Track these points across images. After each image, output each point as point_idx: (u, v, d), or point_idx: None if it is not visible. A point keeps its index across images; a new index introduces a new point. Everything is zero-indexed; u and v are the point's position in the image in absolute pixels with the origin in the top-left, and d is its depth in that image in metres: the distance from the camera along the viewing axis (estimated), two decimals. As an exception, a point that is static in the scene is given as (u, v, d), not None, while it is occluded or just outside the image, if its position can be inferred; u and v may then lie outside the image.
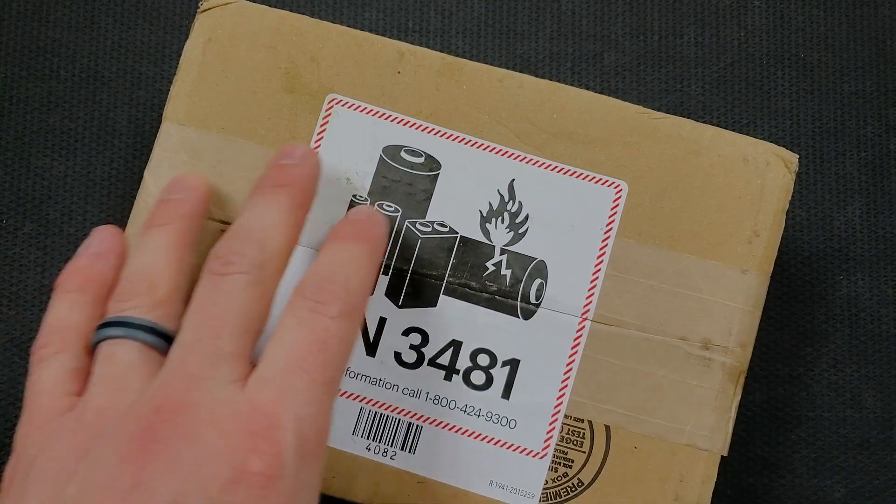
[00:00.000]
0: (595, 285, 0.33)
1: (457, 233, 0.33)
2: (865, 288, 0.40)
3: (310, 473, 0.26)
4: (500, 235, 0.33)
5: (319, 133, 0.33)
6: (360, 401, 0.33)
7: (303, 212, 0.30)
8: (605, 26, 0.42)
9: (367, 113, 0.34)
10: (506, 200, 0.33)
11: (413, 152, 0.33)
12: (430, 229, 0.33)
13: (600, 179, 0.33)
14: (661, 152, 0.33)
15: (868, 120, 0.42)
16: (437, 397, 0.33)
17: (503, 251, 0.33)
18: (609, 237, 0.33)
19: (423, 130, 0.33)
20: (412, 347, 0.33)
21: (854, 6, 0.42)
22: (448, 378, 0.33)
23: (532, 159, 0.33)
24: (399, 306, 0.33)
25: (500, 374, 0.33)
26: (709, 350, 0.33)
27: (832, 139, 0.41)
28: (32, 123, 0.41)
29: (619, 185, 0.33)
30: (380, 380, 0.33)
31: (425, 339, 0.33)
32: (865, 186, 0.41)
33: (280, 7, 0.35)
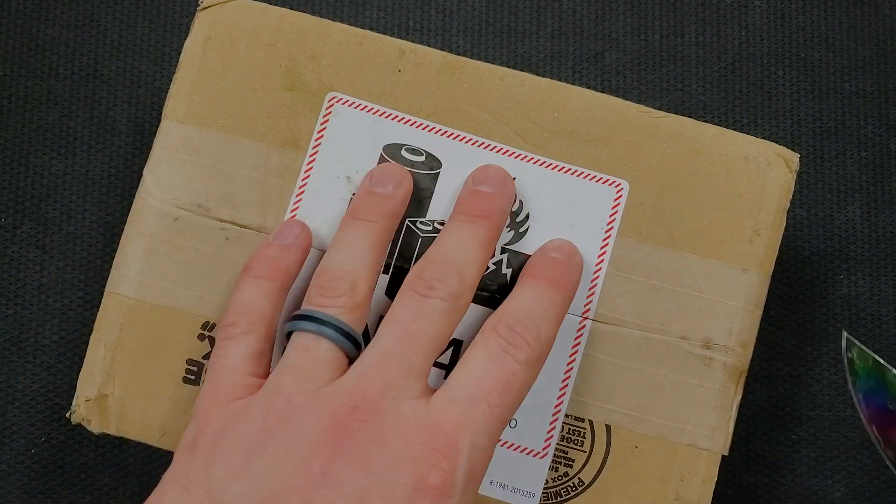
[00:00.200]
0: (596, 284, 0.33)
1: (457, 232, 0.33)
2: (866, 287, 0.40)
3: (469, 498, 0.28)
4: (502, 235, 0.33)
5: (320, 131, 0.33)
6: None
7: (494, 245, 0.32)
8: (607, 25, 0.42)
9: (368, 111, 0.33)
10: (506, 199, 0.33)
11: (414, 151, 0.33)
12: (431, 228, 0.33)
13: (601, 178, 0.33)
14: (663, 151, 0.33)
15: (868, 119, 0.42)
16: None
17: (504, 250, 0.33)
18: (610, 236, 0.33)
19: (424, 129, 0.33)
20: (413, 346, 0.33)
21: (855, 6, 0.42)
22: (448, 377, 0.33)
23: (533, 158, 0.33)
24: (399, 305, 0.33)
25: (501, 374, 0.33)
26: (710, 349, 0.32)
27: (833, 139, 0.41)
28: (31, 121, 0.41)
29: (620, 184, 0.33)
30: (380, 379, 0.33)
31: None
32: (866, 186, 0.41)
33: (280, 5, 0.35)
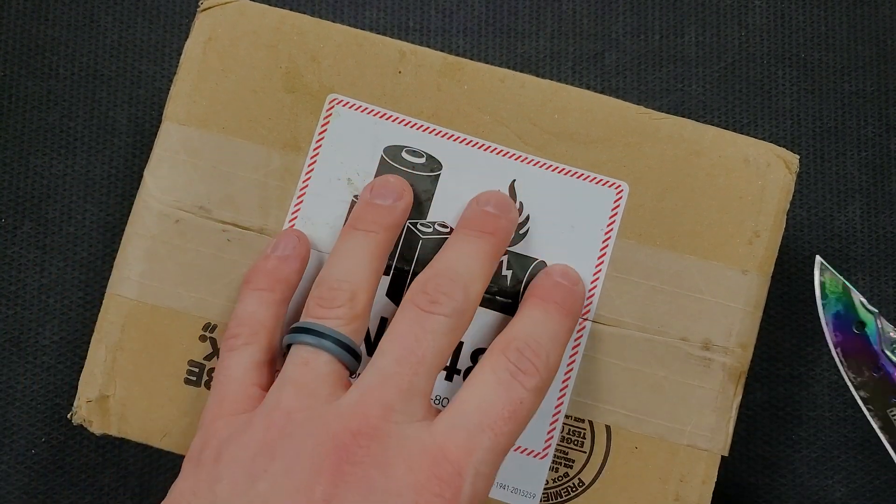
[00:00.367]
0: (595, 286, 0.33)
1: (458, 233, 0.33)
2: (866, 288, 0.40)
3: None
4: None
5: (320, 133, 0.33)
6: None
7: (498, 261, 0.32)
8: (606, 26, 0.42)
9: (369, 113, 0.33)
10: (507, 201, 0.33)
11: (414, 153, 0.33)
12: (432, 230, 0.33)
13: (601, 180, 0.33)
14: (663, 153, 0.33)
15: (868, 120, 0.42)
16: (439, 397, 0.33)
17: (504, 252, 0.33)
18: (610, 238, 0.33)
19: (425, 131, 0.33)
20: (413, 348, 0.33)
21: (855, 6, 0.42)
22: (449, 378, 0.33)
23: (533, 160, 0.33)
24: (400, 307, 0.33)
25: (502, 375, 0.33)
26: (709, 350, 0.33)
27: (833, 139, 0.41)
28: (31, 122, 0.41)
29: (620, 186, 0.33)
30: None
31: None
32: (866, 186, 0.41)
33: (280, 5, 0.35)
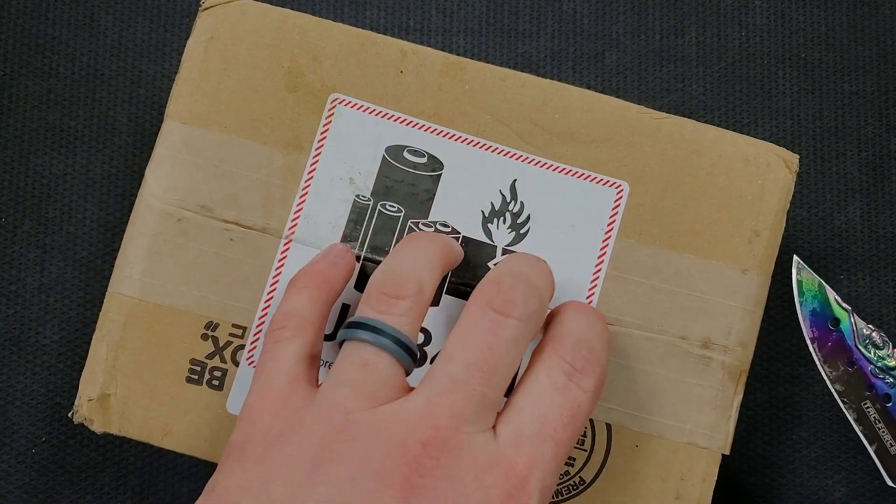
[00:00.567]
0: (596, 285, 0.33)
1: (459, 233, 0.33)
2: (866, 287, 0.41)
3: None
4: (502, 235, 0.33)
5: (322, 133, 0.33)
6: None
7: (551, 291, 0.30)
8: (607, 25, 0.42)
9: (370, 112, 0.33)
10: (508, 201, 0.33)
11: (416, 152, 0.33)
12: (433, 230, 0.33)
13: (602, 180, 0.33)
14: (663, 152, 0.33)
15: (869, 120, 0.42)
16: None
17: (504, 251, 0.33)
18: (610, 237, 0.33)
19: (426, 130, 0.33)
20: (415, 347, 0.33)
21: (855, 6, 0.42)
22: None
23: (534, 159, 0.33)
24: (401, 306, 0.33)
25: (503, 374, 0.33)
26: (708, 349, 0.33)
27: (833, 139, 0.41)
28: (32, 121, 0.41)
29: (621, 186, 0.33)
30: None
31: (428, 339, 0.33)
32: (866, 186, 0.41)
33: (280, 4, 0.35)
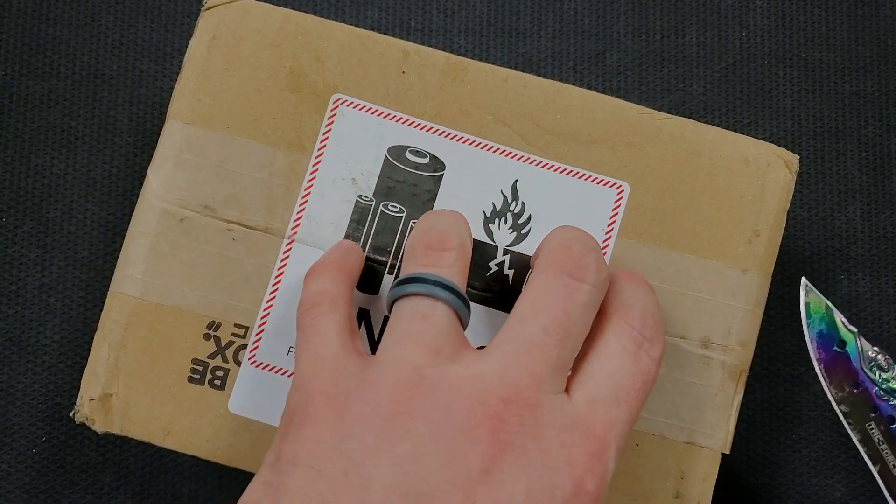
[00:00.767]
0: (597, 285, 0.33)
1: (461, 233, 0.33)
2: (866, 287, 0.41)
3: None
4: (504, 236, 0.33)
5: (325, 133, 0.33)
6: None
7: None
8: (608, 25, 0.42)
9: (372, 113, 0.33)
10: (509, 201, 0.33)
11: (418, 153, 0.33)
12: (435, 230, 0.33)
13: (602, 180, 0.33)
14: (664, 153, 0.33)
15: (869, 120, 0.42)
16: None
17: (506, 251, 0.33)
18: (610, 237, 0.33)
19: (428, 131, 0.33)
20: (416, 347, 0.33)
21: (855, 6, 0.42)
22: None
23: (535, 160, 0.33)
24: (403, 306, 0.33)
25: (504, 374, 0.33)
26: (708, 349, 0.33)
27: (833, 139, 0.42)
28: (32, 121, 0.41)
29: (621, 186, 0.33)
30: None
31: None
32: (866, 186, 0.41)
33: (283, 5, 0.35)
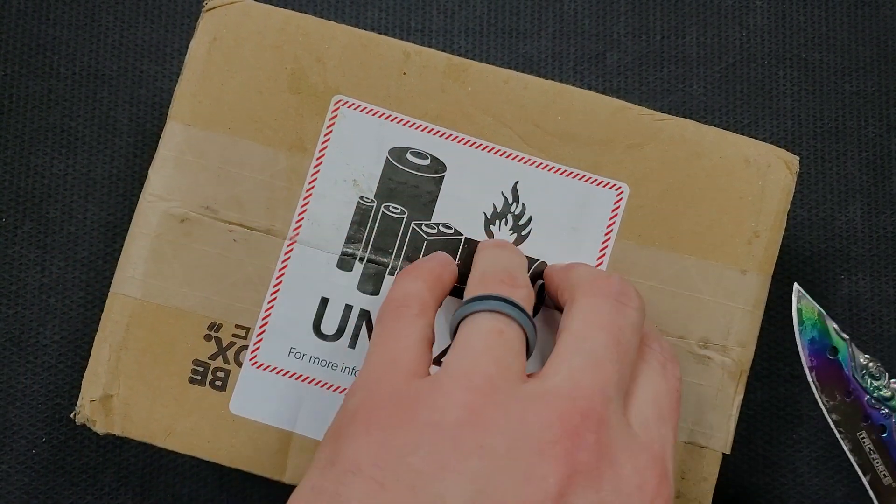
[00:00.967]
0: (597, 285, 0.33)
1: (461, 234, 0.33)
2: (867, 287, 0.41)
3: None
4: (504, 237, 0.33)
5: (326, 135, 0.33)
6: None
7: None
8: (608, 26, 0.42)
9: (373, 114, 0.33)
10: (510, 202, 0.33)
11: (419, 154, 0.33)
12: (436, 231, 0.33)
13: (602, 181, 0.33)
14: (664, 154, 0.33)
15: (869, 120, 0.42)
16: None
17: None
18: (610, 238, 0.33)
19: (429, 132, 0.33)
20: (418, 348, 0.33)
21: (855, 6, 0.42)
22: None
23: (536, 161, 0.33)
24: (404, 307, 0.33)
25: (505, 375, 0.33)
26: (707, 349, 0.33)
27: (833, 139, 0.42)
28: (32, 121, 0.41)
29: (621, 187, 0.33)
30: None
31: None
32: (867, 186, 0.41)
33: (281, 4, 0.35)
